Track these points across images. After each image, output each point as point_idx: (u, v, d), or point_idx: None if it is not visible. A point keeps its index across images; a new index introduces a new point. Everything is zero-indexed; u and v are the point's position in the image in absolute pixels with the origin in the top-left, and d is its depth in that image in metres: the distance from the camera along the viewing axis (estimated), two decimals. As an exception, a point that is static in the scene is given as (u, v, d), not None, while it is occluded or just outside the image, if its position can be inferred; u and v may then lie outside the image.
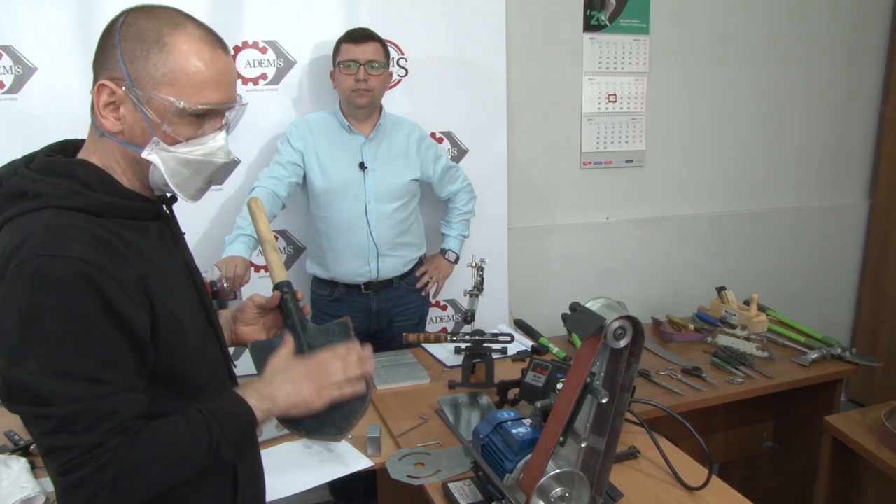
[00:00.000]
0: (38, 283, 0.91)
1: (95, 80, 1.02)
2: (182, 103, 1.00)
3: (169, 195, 1.14)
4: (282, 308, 1.36)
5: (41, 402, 0.93)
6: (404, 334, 2.19)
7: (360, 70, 2.29)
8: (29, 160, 1.04)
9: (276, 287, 1.35)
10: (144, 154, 1.03)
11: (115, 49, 1.00)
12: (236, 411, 1.09)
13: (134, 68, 0.99)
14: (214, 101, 1.04)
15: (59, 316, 0.92)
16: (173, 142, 1.03)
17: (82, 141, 1.10)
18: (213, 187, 1.16)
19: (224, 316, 1.37)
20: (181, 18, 1.03)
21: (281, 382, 1.16)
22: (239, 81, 2.24)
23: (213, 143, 1.07)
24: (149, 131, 1.02)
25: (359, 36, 2.32)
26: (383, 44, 2.37)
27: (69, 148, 1.09)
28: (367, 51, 2.30)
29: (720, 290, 2.86)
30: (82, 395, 0.94)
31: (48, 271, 0.91)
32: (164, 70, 1.00)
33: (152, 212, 1.10)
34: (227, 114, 1.09)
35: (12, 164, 1.04)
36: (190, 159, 1.05)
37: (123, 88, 1.00)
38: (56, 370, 0.93)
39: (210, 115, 1.05)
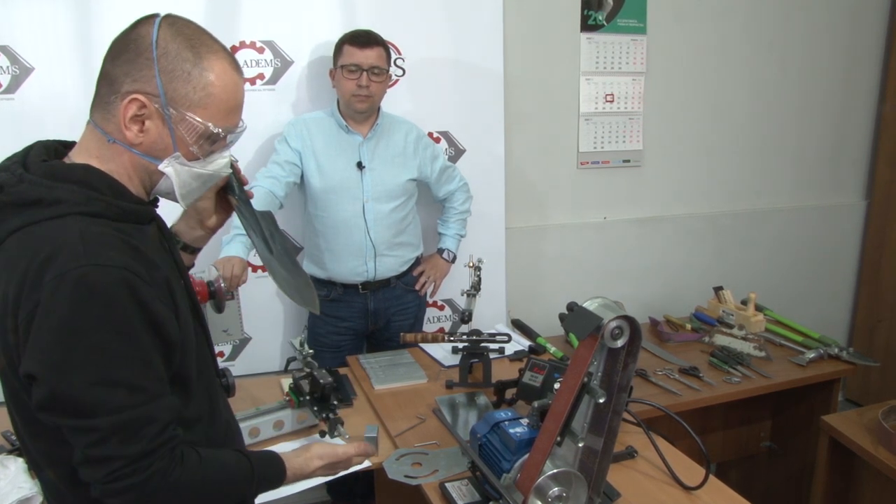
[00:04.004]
0: (82, 293, 0.92)
1: (115, 84, 1.01)
2: (213, 127, 1.04)
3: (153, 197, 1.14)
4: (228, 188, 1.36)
5: (86, 413, 0.94)
6: (402, 334, 2.19)
7: (362, 76, 2.29)
8: (21, 164, 1.01)
9: None
10: (161, 167, 1.05)
11: (150, 63, 1.00)
12: (275, 472, 1.20)
13: (172, 87, 1.01)
14: (234, 125, 1.09)
15: (103, 326, 0.93)
16: (193, 158, 1.06)
17: (59, 142, 1.09)
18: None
19: (185, 218, 1.37)
20: (211, 40, 1.05)
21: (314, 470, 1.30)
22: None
23: (221, 161, 1.12)
24: (171, 147, 1.04)
25: (363, 40, 2.31)
26: (386, 47, 2.36)
27: (51, 150, 1.07)
28: (370, 56, 2.29)
29: (717, 289, 2.86)
30: (125, 404, 0.95)
31: (92, 282, 0.92)
32: (203, 94, 1.02)
33: (151, 215, 1.11)
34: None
35: (8, 169, 1.01)
36: (202, 173, 1.09)
37: (156, 105, 1.01)
38: (100, 380, 0.94)
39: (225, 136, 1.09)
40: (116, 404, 0.94)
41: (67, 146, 1.09)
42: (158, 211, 1.16)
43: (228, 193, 1.35)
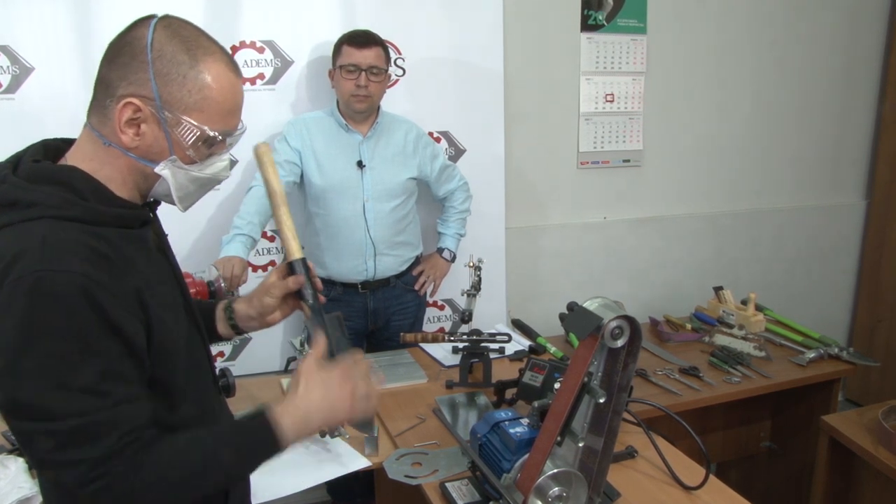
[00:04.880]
0: (36, 299, 0.90)
1: (110, 88, 1.00)
2: (210, 130, 1.02)
3: (152, 199, 1.12)
4: (301, 293, 1.29)
5: (45, 417, 0.93)
6: (402, 334, 2.19)
7: (361, 76, 2.29)
8: (14, 164, 1.01)
9: (292, 266, 1.27)
10: (158, 170, 1.04)
11: (145, 66, 0.98)
12: (265, 446, 1.10)
13: (167, 91, 0.99)
14: (233, 128, 1.07)
15: (59, 332, 0.91)
16: (190, 162, 1.05)
17: (63, 141, 1.09)
18: (210, 188, 1.17)
19: (247, 304, 1.32)
20: (208, 42, 1.03)
21: (319, 400, 1.17)
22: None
23: (220, 164, 1.10)
24: (167, 150, 1.03)
25: (361, 40, 2.31)
26: (384, 47, 2.37)
27: (50, 150, 1.06)
28: (368, 56, 2.30)
29: (718, 289, 2.86)
30: (84, 408, 0.93)
31: (47, 287, 0.90)
32: (199, 97, 1.01)
33: (142, 219, 1.09)
34: None
35: None
36: (199, 177, 1.08)
37: (151, 109, 0.99)
38: (57, 385, 0.92)
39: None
40: (76, 408, 0.93)
41: (71, 144, 1.08)
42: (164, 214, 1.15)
43: (300, 299, 1.29)
